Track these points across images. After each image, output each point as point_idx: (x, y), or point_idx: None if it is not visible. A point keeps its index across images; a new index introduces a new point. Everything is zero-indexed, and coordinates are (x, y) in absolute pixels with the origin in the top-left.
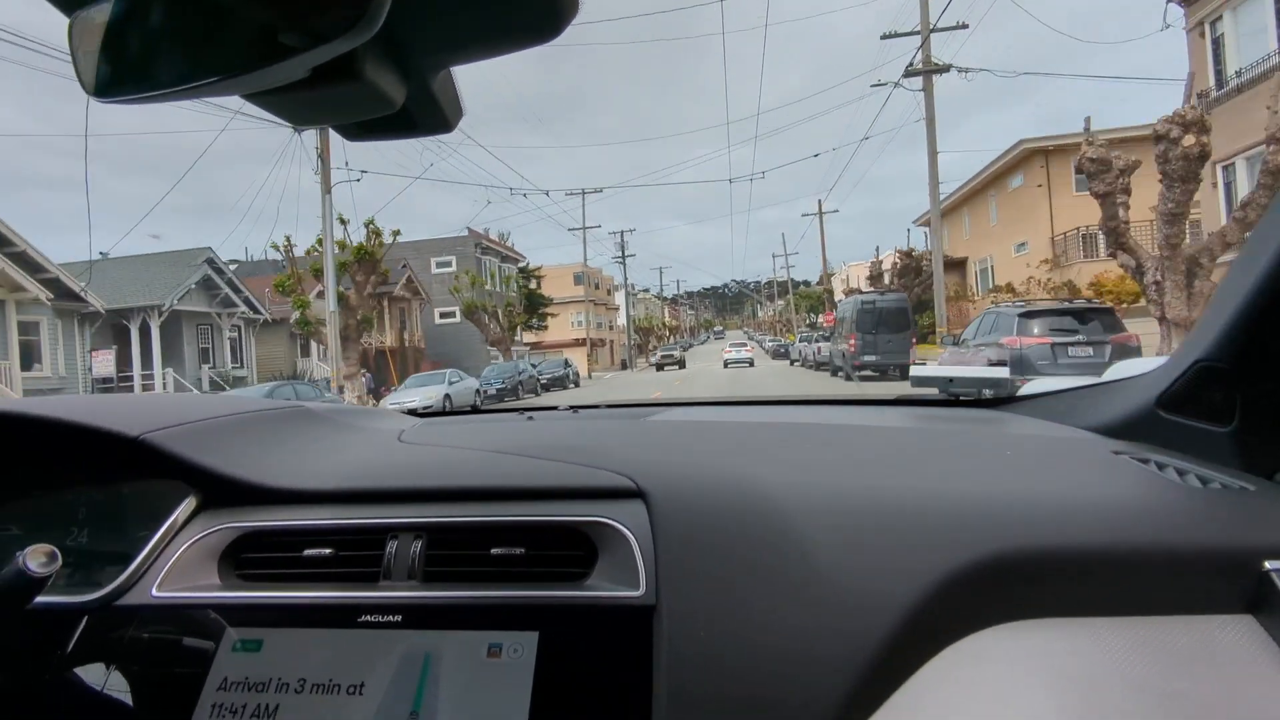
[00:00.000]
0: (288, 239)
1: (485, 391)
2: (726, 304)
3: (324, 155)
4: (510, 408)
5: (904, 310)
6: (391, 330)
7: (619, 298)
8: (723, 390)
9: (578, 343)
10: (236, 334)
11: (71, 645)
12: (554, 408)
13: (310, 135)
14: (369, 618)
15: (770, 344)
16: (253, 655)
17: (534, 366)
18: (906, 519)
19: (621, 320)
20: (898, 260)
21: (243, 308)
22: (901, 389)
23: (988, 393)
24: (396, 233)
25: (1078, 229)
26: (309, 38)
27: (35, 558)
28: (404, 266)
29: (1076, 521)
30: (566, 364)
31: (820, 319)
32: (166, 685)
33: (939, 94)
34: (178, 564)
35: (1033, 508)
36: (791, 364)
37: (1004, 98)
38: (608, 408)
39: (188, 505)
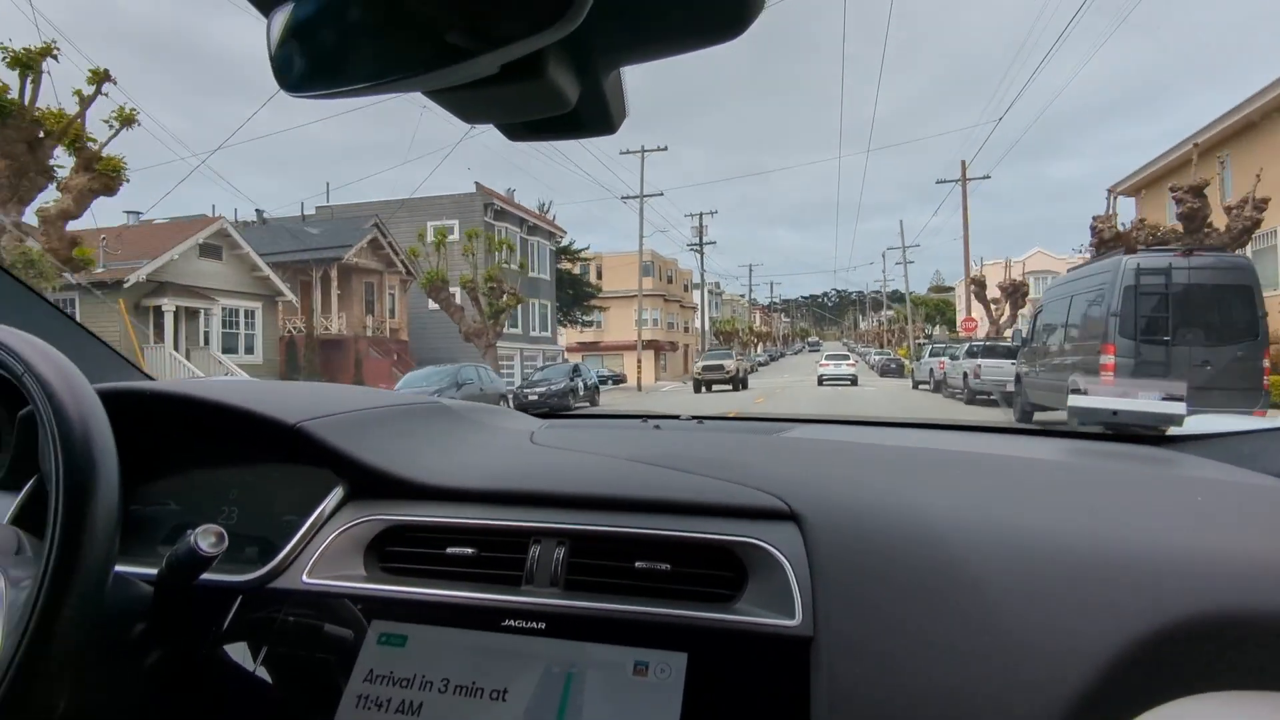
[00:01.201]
0: None
1: None
2: (825, 314)
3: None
4: (630, 414)
5: (1241, 292)
6: (347, 313)
7: (698, 297)
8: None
9: (646, 345)
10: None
11: (226, 623)
12: (676, 416)
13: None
14: (512, 622)
15: (877, 358)
16: (397, 650)
17: (538, 371)
18: (1095, 567)
19: (697, 321)
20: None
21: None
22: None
23: (1155, 429)
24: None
25: None
26: (512, 30)
27: (206, 538)
28: (373, 225)
29: None
30: (575, 372)
31: (954, 327)
32: (310, 669)
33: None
34: (326, 552)
35: (1237, 565)
36: (916, 386)
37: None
38: (734, 419)
39: (336, 495)
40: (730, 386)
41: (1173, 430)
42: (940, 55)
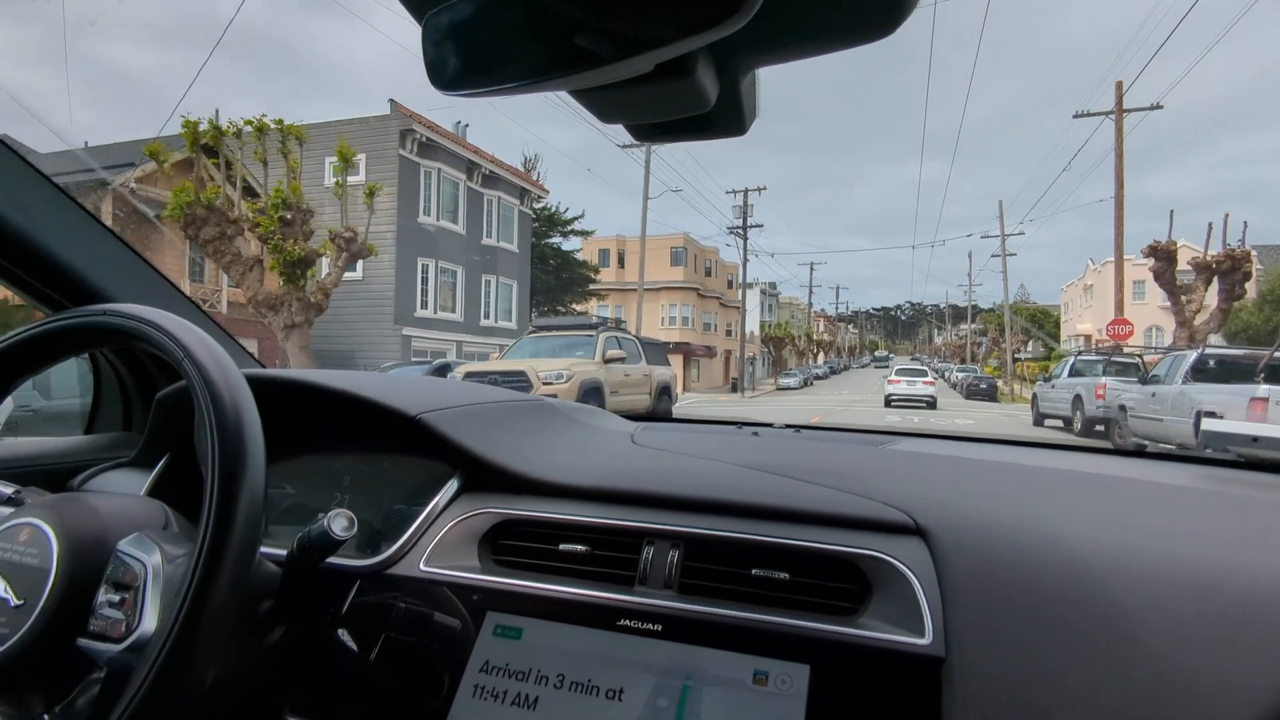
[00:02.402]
0: None
1: None
2: (898, 328)
3: None
4: (722, 419)
5: None
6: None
7: (751, 298)
8: None
9: (674, 348)
10: None
11: (346, 606)
12: (769, 424)
13: None
14: (628, 622)
15: (960, 375)
16: (513, 642)
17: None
18: (1257, 607)
19: (749, 324)
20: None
21: None
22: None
23: None
24: None
25: None
26: (678, 28)
27: (338, 521)
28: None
29: None
30: (440, 375)
31: (1092, 337)
32: (424, 656)
33: None
34: (442, 542)
35: None
36: (1042, 422)
37: None
38: (832, 430)
39: (452, 487)
40: None
41: None
42: (1032, 61)
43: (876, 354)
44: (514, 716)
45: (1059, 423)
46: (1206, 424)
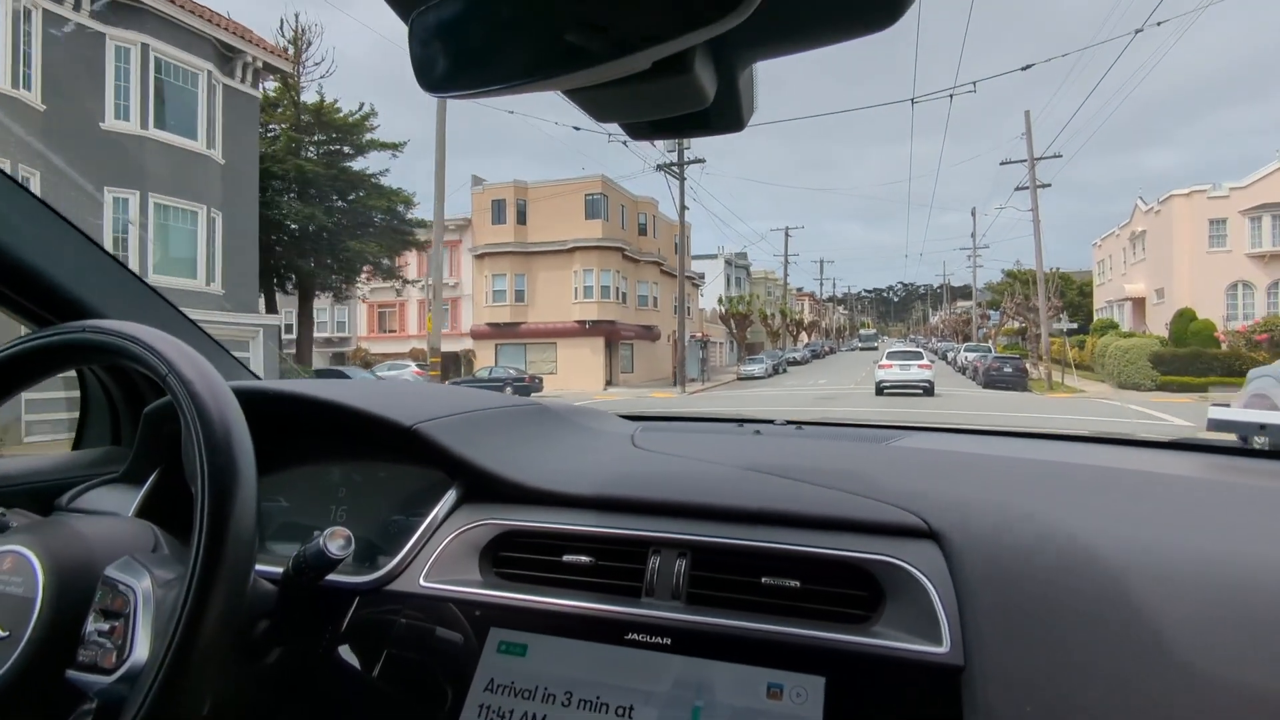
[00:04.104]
0: None
1: None
2: (891, 309)
3: None
4: (722, 416)
5: None
6: None
7: (712, 269)
8: None
9: (591, 328)
10: None
11: (345, 623)
12: (770, 421)
13: None
14: (635, 636)
15: (971, 355)
16: (518, 659)
17: None
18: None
19: (705, 302)
20: None
21: None
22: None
23: None
24: None
25: None
26: (678, 24)
27: (335, 540)
28: None
29: None
30: None
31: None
32: (427, 674)
33: None
34: (442, 555)
35: None
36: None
37: None
38: (834, 426)
39: (450, 498)
40: None
41: None
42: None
43: (861, 333)
44: None
45: None
46: (1214, 412)
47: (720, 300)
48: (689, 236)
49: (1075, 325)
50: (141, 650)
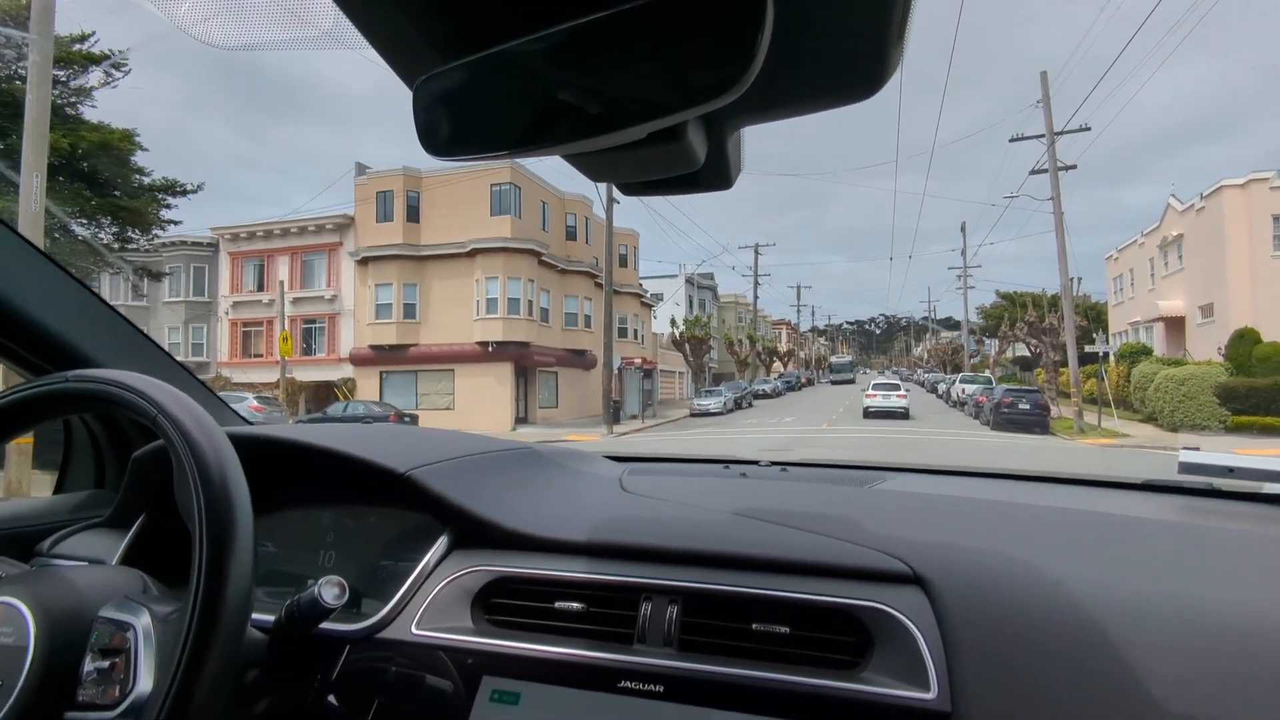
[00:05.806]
0: None
1: None
2: (872, 341)
3: None
4: (706, 459)
5: None
6: None
7: (671, 289)
8: None
9: (496, 350)
10: None
11: (335, 672)
12: (756, 462)
13: None
14: (628, 684)
15: (971, 389)
16: (510, 708)
17: None
18: (1270, 643)
19: (659, 325)
20: None
21: None
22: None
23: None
24: None
25: None
26: (679, 101)
27: (329, 589)
28: None
29: None
30: None
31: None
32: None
33: None
34: (434, 602)
35: None
36: None
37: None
38: (818, 467)
39: (441, 544)
40: None
41: (1271, 489)
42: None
43: (833, 360)
44: None
45: None
46: (1184, 455)
47: (672, 322)
48: (635, 247)
49: (1111, 349)
50: (146, 683)
